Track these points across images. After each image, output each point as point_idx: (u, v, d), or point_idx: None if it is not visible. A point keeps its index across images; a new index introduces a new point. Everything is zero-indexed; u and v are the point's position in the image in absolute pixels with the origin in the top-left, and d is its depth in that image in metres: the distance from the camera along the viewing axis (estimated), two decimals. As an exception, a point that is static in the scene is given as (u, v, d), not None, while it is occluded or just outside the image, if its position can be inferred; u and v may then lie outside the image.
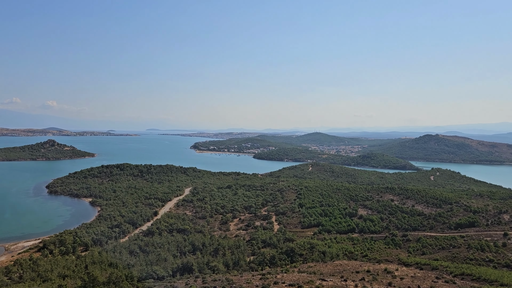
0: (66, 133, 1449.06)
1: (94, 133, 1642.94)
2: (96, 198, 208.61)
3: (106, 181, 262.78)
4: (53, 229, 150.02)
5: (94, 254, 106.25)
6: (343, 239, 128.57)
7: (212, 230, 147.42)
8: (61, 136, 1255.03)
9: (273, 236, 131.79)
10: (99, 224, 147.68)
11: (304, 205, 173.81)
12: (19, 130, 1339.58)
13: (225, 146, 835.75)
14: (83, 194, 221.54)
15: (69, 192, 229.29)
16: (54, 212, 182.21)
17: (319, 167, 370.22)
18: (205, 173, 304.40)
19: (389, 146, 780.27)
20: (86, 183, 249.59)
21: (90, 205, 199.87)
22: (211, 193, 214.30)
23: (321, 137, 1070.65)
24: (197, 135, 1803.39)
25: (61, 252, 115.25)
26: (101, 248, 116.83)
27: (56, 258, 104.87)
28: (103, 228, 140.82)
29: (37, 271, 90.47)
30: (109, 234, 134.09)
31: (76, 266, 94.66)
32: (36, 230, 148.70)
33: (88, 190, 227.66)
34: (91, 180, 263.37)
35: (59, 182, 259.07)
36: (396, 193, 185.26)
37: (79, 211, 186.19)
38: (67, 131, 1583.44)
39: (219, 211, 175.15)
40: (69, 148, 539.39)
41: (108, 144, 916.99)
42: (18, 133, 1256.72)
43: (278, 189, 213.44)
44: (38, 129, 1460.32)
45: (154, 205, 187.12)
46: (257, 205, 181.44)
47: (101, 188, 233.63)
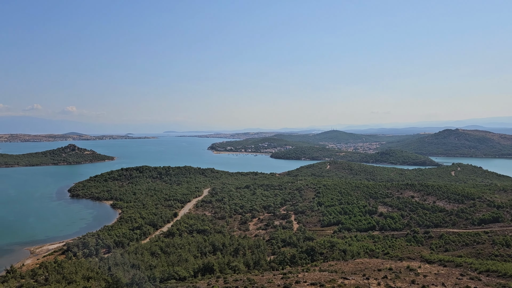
0: (86, 138, 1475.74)
1: (113, 137, 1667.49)
2: (117, 201, 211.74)
3: (126, 183, 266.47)
4: (76, 232, 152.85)
5: (117, 256, 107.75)
6: (364, 237, 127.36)
7: (232, 230, 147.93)
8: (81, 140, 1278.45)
9: (292, 235, 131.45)
10: (121, 226, 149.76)
11: (323, 204, 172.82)
12: (40, 136, 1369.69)
13: (242, 146, 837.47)
14: (104, 197, 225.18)
15: (91, 195, 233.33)
16: (76, 215, 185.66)
17: (337, 165, 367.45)
18: (223, 174, 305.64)
19: (407, 142, 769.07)
20: (107, 186, 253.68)
21: (111, 207, 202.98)
22: (229, 193, 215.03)
23: (338, 135, 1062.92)
24: (214, 136, 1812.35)
25: (84, 255, 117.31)
26: (123, 250, 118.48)
27: (80, 261, 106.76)
28: (125, 230, 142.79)
29: (62, 273, 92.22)
30: (130, 236, 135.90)
31: (100, 268, 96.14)
32: (60, 233, 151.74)
33: (109, 193, 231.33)
34: (112, 183, 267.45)
35: (80, 185, 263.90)
36: (417, 189, 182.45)
37: (101, 214, 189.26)
38: (87, 135, 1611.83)
39: (238, 211, 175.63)
40: (89, 152, 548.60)
41: (127, 147, 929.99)
42: (40, 139, 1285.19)
43: (296, 188, 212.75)
44: (59, 134, 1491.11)
45: (173, 207, 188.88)
46: (275, 205, 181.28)
47: (121, 190, 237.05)
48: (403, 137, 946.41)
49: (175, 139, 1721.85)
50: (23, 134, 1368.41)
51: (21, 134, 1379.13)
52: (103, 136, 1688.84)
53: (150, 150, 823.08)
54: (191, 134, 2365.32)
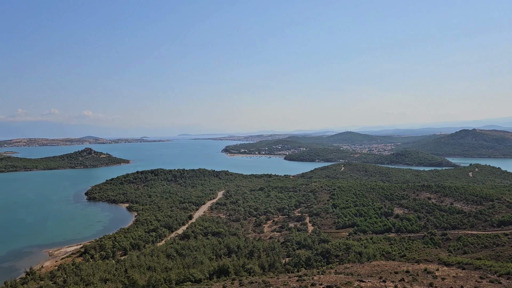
0: (101, 141, 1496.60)
1: (128, 140, 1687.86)
2: (133, 204, 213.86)
3: (142, 186, 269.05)
4: (93, 235, 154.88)
5: (133, 258, 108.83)
6: (380, 239, 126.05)
7: (246, 232, 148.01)
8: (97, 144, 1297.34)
9: (307, 237, 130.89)
10: (137, 229, 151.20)
11: (338, 206, 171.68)
12: (58, 140, 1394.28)
13: (255, 148, 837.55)
14: (120, 200, 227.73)
15: (107, 198, 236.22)
16: (93, 218, 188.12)
17: (352, 166, 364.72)
18: (237, 176, 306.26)
19: (423, 143, 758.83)
20: (123, 189, 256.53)
21: (127, 210, 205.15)
22: (243, 195, 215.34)
23: (353, 136, 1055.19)
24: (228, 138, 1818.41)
25: (101, 257, 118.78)
26: (139, 252, 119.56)
27: (97, 263, 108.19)
28: (140, 232, 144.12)
29: (80, 275, 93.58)
30: (146, 238, 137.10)
31: (116, 270, 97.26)
32: (77, 236, 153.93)
33: (125, 196, 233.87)
34: (127, 186, 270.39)
35: (97, 189, 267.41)
36: (433, 190, 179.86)
37: (117, 217, 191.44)
38: (103, 139, 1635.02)
39: (252, 214, 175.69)
40: (105, 156, 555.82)
41: (142, 151, 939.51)
42: (57, 143, 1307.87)
43: (310, 190, 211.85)
44: (76, 138, 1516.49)
45: (188, 209, 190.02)
46: (290, 207, 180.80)
47: (137, 193, 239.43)
48: (419, 138, 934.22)
49: (189, 142, 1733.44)
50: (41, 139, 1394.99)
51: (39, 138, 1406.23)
52: (118, 139, 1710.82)
53: (165, 153, 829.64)
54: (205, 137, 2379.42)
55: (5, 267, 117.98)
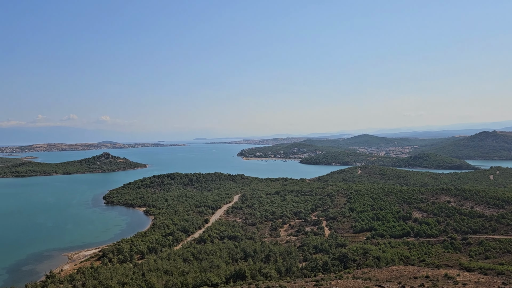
0: (119, 146, 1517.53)
1: (145, 145, 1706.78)
2: (150, 207, 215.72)
3: (158, 190, 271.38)
4: (111, 238, 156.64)
5: (150, 261, 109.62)
6: (398, 243, 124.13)
7: (263, 236, 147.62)
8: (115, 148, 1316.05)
9: (324, 241, 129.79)
10: (154, 233, 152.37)
11: (355, 209, 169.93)
12: (76, 145, 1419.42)
13: (271, 152, 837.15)
14: (137, 204, 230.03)
15: (124, 202, 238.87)
16: (111, 222, 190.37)
17: (369, 169, 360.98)
18: (253, 180, 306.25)
19: (442, 145, 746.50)
20: (140, 193, 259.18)
21: (144, 214, 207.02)
22: (259, 199, 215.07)
23: (369, 139, 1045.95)
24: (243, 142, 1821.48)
25: (119, 260, 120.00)
26: (156, 256, 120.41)
27: (115, 266, 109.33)
28: (157, 236, 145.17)
29: (98, 278, 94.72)
30: (163, 242, 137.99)
31: (134, 274, 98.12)
32: (96, 240, 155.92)
33: (142, 200, 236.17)
34: (144, 190, 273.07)
35: (114, 193, 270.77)
36: (453, 194, 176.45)
37: (134, 221, 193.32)
38: (120, 143, 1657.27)
39: (268, 217, 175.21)
40: (122, 160, 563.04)
41: (159, 155, 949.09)
42: (76, 148, 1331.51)
43: (327, 193, 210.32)
44: (94, 143, 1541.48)
45: (204, 213, 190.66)
46: (306, 211, 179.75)
47: (153, 197, 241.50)
48: (437, 140, 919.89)
49: (205, 146, 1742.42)
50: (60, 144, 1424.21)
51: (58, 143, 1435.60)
52: (135, 144, 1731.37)
53: (181, 157, 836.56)
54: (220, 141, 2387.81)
55: (26, 270, 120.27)
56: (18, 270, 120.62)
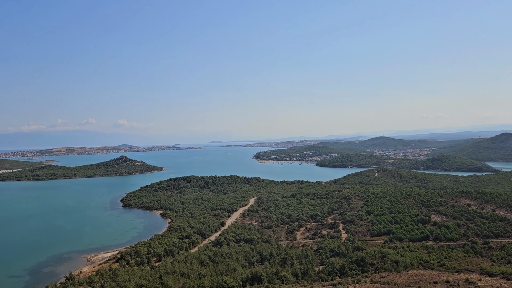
0: (136, 149, 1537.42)
1: (161, 148, 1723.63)
2: (166, 210, 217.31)
3: (175, 193, 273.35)
4: (128, 241, 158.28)
5: (167, 264, 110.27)
6: (417, 247, 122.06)
7: (279, 239, 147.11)
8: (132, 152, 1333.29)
9: (341, 245, 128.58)
10: (170, 235, 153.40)
11: (372, 212, 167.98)
12: (94, 148, 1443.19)
13: (286, 154, 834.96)
14: (154, 207, 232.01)
15: (142, 205, 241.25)
16: (129, 225, 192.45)
17: (386, 172, 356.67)
18: (269, 183, 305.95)
19: (461, 147, 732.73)
20: (157, 196, 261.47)
21: (161, 217, 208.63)
22: (275, 202, 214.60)
23: (386, 141, 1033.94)
24: (259, 145, 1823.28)
25: (137, 263, 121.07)
26: (173, 259, 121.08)
27: (132, 269, 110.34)
28: (174, 239, 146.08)
29: (116, 281, 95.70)
30: (180, 245, 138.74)
31: (151, 276, 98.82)
32: (114, 242, 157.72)
33: (159, 203, 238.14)
34: (161, 193, 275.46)
35: (132, 196, 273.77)
36: (473, 197, 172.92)
37: (151, 223, 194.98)
38: (137, 147, 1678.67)
39: (284, 220, 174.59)
40: (139, 163, 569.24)
41: (175, 158, 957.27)
42: (94, 151, 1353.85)
43: (343, 196, 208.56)
44: (112, 147, 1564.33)
45: (220, 216, 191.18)
46: (322, 214, 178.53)
47: (170, 200, 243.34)
48: (456, 142, 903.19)
49: (221, 149, 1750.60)
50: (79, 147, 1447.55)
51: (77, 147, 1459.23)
52: (152, 147, 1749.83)
53: (197, 160, 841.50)
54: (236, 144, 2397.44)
55: (46, 272, 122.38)
56: (39, 271, 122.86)
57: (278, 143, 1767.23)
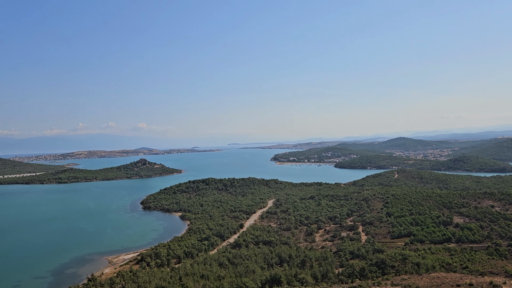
0: (155, 152, 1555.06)
1: (180, 151, 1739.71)
2: (185, 212, 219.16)
3: (194, 195, 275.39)
4: (148, 243, 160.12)
5: (187, 266, 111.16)
6: (439, 249, 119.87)
7: (298, 241, 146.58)
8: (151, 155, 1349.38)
9: (361, 247, 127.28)
10: (190, 237, 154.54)
11: (392, 214, 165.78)
12: (115, 152, 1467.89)
13: (305, 156, 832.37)
14: (174, 209, 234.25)
15: (161, 207, 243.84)
16: (149, 227, 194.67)
17: (406, 173, 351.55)
18: (287, 185, 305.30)
19: (483, 147, 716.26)
20: (176, 198, 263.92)
21: (180, 219, 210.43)
22: (294, 204, 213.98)
23: (406, 142, 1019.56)
24: (276, 147, 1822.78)
25: (157, 264, 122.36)
26: (192, 260, 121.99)
27: (153, 270, 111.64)
28: (193, 241, 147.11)
29: (137, 282, 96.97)
30: (199, 247, 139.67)
31: (171, 278, 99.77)
32: (134, 244, 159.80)
33: (178, 205, 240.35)
34: (180, 195, 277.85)
35: (151, 198, 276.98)
36: (497, 198, 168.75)
37: (171, 225, 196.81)
38: (156, 150, 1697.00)
39: (303, 222, 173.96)
40: (158, 166, 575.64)
41: (193, 160, 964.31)
42: (114, 154, 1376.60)
43: (363, 198, 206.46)
44: (131, 150, 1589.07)
45: (239, 218, 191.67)
46: (342, 215, 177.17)
47: (189, 202, 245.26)
48: (478, 143, 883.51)
49: (239, 151, 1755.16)
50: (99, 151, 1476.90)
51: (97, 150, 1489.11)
52: (171, 150, 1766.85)
53: (215, 163, 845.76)
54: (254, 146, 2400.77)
55: (69, 273, 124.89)
56: (62, 273, 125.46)
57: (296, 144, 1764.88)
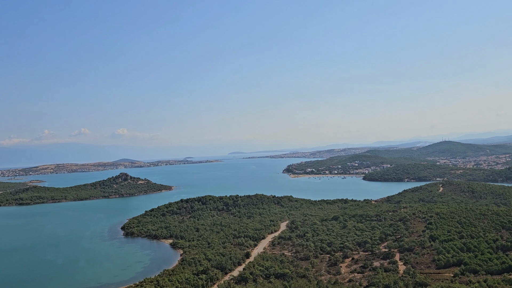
0: (139, 164, 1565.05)
1: (169, 162, 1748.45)
2: (177, 239, 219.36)
3: (187, 218, 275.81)
4: (132, 278, 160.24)
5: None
6: (497, 281, 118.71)
7: (319, 274, 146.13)
8: (134, 168, 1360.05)
9: (398, 279, 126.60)
10: (183, 270, 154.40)
11: (437, 238, 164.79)
12: (89, 165, 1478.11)
13: (325, 167, 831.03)
14: (162, 235, 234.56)
15: (147, 233, 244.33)
16: (132, 258, 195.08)
17: (453, 186, 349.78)
18: (304, 203, 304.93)
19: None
20: (165, 222, 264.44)
21: (171, 247, 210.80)
22: (313, 227, 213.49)
23: (452, 147, 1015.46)
24: (290, 155, 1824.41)
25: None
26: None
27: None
28: (188, 275, 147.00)
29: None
30: (195, 282, 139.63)
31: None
32: (114, 280, 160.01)
33: (168, 230, 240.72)
34: (170, 217, 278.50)
35: (135, 222, 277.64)
36: None
37: (159, 255, 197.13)
38: (140, 162, 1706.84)
39: (325, 250, 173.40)
40: (143, 182, 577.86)
41: (187, 174, 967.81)
42: (88, 168, 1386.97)
43: (399, 218, 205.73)
44: (109, 162, 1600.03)
45: (244, 245, 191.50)
46: (373, 240, 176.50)
47: (182, 226, 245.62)
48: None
49: (243, 161, 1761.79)
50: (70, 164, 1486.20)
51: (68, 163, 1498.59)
52: (158, 161, 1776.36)
53: (214, 177, 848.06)
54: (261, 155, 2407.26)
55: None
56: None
57: (315, 152, 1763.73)
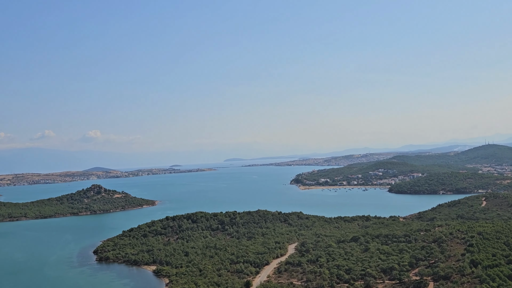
0: (114, 174, 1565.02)
1: (152, 171, 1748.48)
2: (162, 266, 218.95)
3: (174, 239, 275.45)
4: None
5: None
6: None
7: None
8: (109, 178, 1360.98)
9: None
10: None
11: (480, 263, 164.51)
12: (54, 175, 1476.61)
13: (342, 176, 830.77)
14: (144, 261, 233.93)
15: (125, 258, 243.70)
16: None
17: (499, 200, 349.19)
18: (316, 220, 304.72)
19: None
20: (147, 244, 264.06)
21: (154, 275, 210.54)
22: (327, 250, 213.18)
23: (498, 152, 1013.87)
24: (300, 163, 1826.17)
25: None
26: None
27: None
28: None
29: None
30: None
31: None
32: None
33: (150, 254, 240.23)
34: (153, 239, 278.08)
35: (110, 244, 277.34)
36: None
37: (140, 286, 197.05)
38: (116, 171, 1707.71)
39: (342, 278, 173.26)
40: (120, 195, 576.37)
41: (173, 186, 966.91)
42: (53, 179, 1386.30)
43: (433, 239, 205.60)
44: (79, 172, 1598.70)
45: (244, 273, 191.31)
46: (402, 266, 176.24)
47: (167, 250, 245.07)
48: None
49: (242, 170, 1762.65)
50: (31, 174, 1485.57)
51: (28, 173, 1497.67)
52: (138, 170, 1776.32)
53: (207, 189, 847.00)
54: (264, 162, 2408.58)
55: None
56: None
57: (329, 159, 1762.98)
